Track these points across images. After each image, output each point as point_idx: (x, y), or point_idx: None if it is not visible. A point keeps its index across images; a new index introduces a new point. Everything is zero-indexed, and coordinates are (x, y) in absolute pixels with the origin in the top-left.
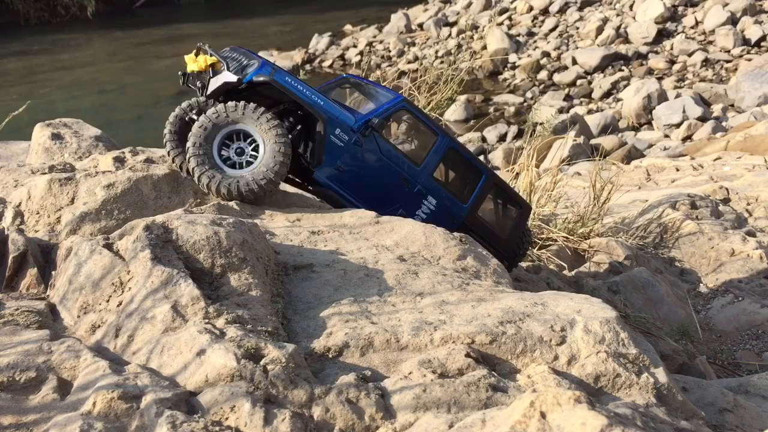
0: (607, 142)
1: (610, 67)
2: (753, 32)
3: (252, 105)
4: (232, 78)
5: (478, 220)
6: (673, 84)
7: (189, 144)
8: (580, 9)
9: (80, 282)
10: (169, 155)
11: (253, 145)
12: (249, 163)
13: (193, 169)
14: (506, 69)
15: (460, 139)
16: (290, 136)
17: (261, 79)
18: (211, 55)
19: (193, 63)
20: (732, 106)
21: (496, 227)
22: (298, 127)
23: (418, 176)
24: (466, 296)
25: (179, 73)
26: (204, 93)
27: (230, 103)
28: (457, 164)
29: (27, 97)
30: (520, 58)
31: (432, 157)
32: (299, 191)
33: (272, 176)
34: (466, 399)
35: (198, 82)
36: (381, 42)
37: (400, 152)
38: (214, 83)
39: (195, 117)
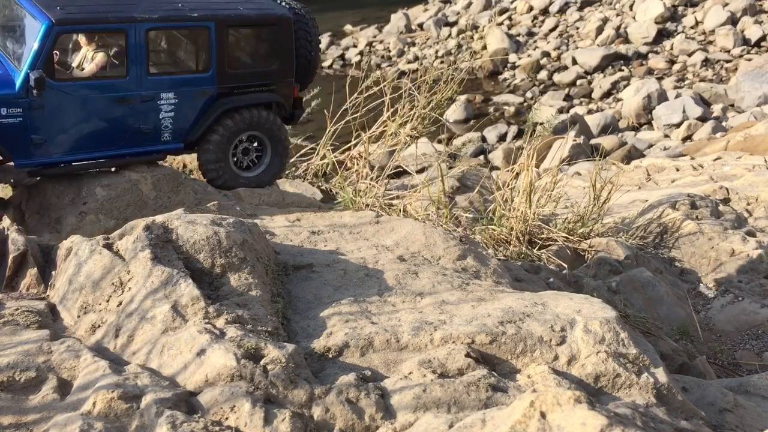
0: (607, 142)
1: (610, 67)
2: (753, 32)
3: None
4: None
5: (236, 75)
6: (673, 84)
7: None
8: (580, 9)
9: (80, 282)
10: None
11: None
12: None
13: None
14: (506, 69)
15: (460, 140)
16: None
17: None
18: None
19: None
20: (732, 106)
21: (261, 64)
22: None
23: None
24: (466, 296)
25: None
26: None
27: None
28: (172, 38)
29: None
30: (520, 58)
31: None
32: (299, 191)
33: None
34: (466, 399)
35: None
36: (381, 42)
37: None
38: None
39: None
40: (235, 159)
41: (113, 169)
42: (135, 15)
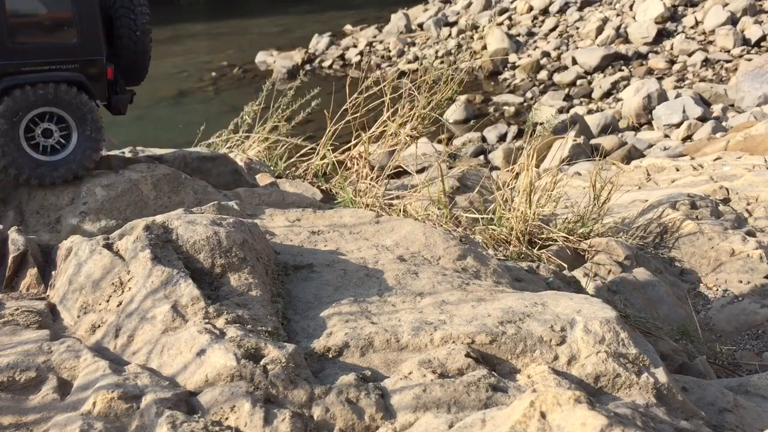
0: (607, 142)
1: (610, 67)
2: (753, 32)
3: None
4: None
5: (20, 50)
6: (673, 84)
7: None
8: (580, 9)
9: (80, 282)
10: None
11: None
12: None
13: None
14: (506, 69)
15: (460, 140)
16: None
17: None
18: None
19: None
20: (732, 106)
21: (55, 38)
22: None
23: None
24: (466, 296)
25: None
26: None
27: None
28: None
29: None
30: (520, 58)
31: None
32: (299, 191)
33: None
34: (466, 399)
35: None
36: (381, 42)
37: None
38: None
39: None
40: (36, 142)
41: (113, 170)
42: None
